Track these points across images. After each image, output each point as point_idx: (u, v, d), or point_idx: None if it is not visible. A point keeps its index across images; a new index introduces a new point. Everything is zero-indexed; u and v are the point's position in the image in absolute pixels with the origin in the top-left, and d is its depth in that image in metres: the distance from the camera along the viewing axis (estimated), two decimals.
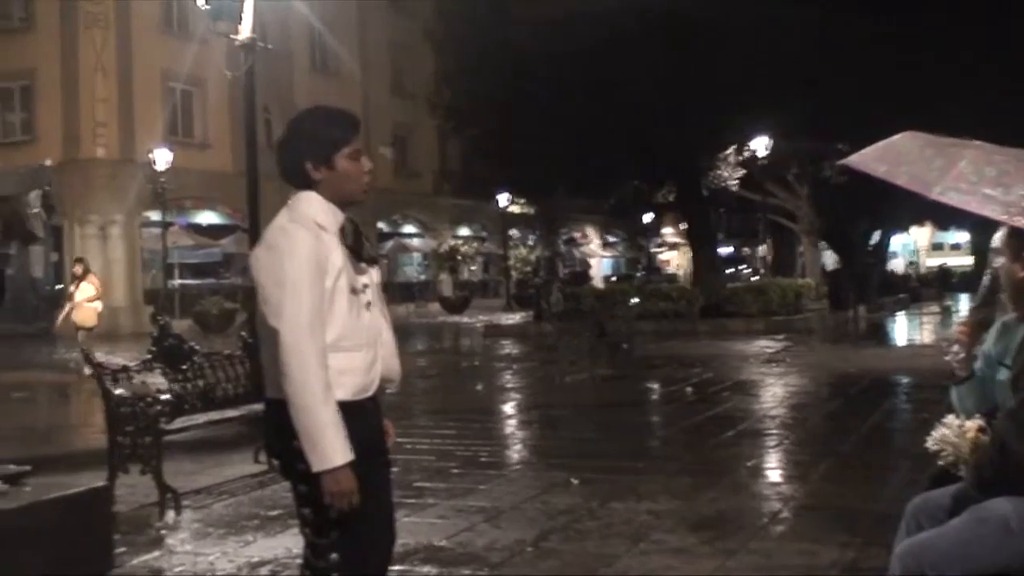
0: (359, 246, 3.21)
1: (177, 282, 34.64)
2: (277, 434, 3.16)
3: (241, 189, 11.39)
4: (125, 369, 7.23)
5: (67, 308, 18.65)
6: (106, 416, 7.10)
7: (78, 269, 19.05)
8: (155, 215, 32.80)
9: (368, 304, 3.23)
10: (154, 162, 30.53)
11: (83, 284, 18.35)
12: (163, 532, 6.48)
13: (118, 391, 7.00)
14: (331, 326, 3.09)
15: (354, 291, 3.17)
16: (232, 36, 11.43)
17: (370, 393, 3.24)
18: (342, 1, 40.43)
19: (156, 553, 5.99)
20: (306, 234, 3.08)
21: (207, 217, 37.61)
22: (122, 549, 5.91)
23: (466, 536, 6.14)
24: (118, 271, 34.40)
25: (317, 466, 3.00)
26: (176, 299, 32.20)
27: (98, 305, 18.59)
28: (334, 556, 3.18)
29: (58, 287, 34.78)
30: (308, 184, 3.20)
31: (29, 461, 6.12)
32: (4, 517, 4.99)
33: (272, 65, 14.46)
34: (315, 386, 3.00)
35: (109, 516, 5.77)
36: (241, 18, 11.34)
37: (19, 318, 32.41)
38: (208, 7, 11.52)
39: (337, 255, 3.12)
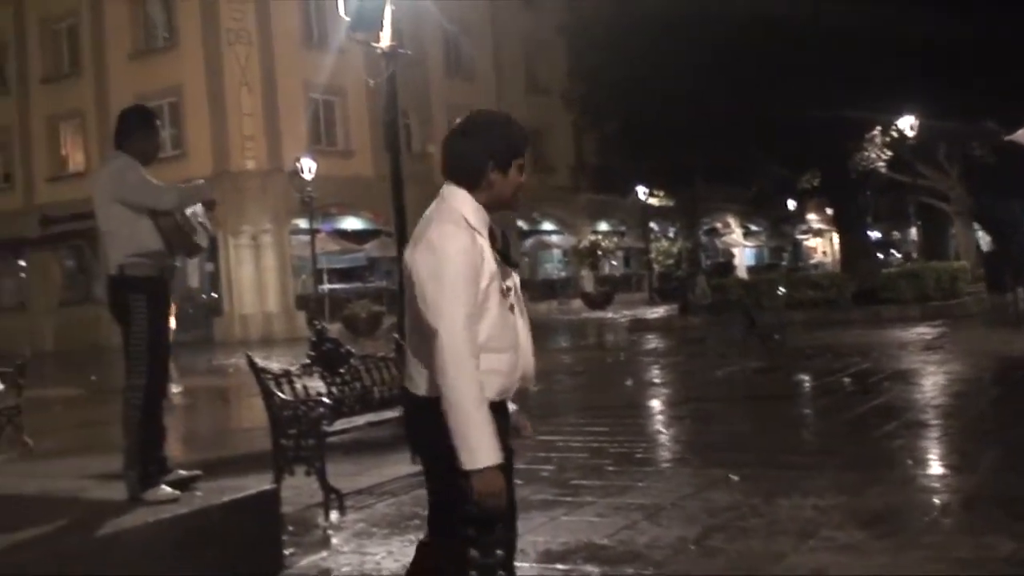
0: (507, 249, 3.29)
1: (326, 287, 35.39)
2: (435, 431, 3.17)
3: (382, 194, 11.55)
4: (286, 374, 7.40)
5: None
6: (270, 420, 7.28)
7: None
8: (303, 222, 33.59)
9: (512, 307, 3.28)
10: (300, 171, 31.28)
11: None
12: (329, 533, 6.62)
13: (280, 395, 7.17)
14: (482, 327, 3.14)
15: (503, 293, 3.22)
16: (373, 44, 11.60)
17: (510, 395, 3.31)
18: (475, 2, 40.74)
19: (323, 553, 6.11)
20: (465, 235, 3.14)
21: (351, 222, 38.34)
22: (291, 550, 6.05)
23: (627, 534, 6.08)
24: (270, 278, 35.38)
25: (468, 465, 3.05)
26: (326, 303, 32.89)
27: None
28: (499, 552, 3.23)
29: (214, 295, 35.97)
30: (474, 183, 3.27)
31: (195, 465, 6.32)
32: (179, 521, 5.15)
33: (408, 70, 14.65)
34: (470, 386, 3.05)
35: (278, 518, 5.91)
36: (381, 26, 11.50)
37: (178, 326, 33.55)
38: (348, 17, 11.72)
39: (490, 257, 3.18)
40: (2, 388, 10.74)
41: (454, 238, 3.13)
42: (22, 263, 41.39)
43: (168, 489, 5.67)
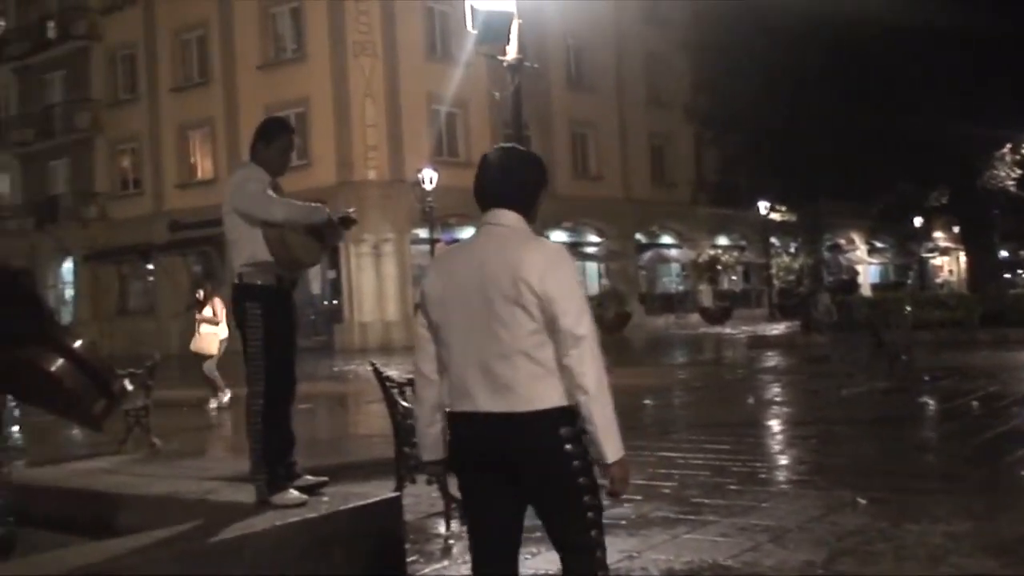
0: None
1: None
2: (556, 440, 3.32)
3: None
4: (410, 382, 7.44)
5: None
6: (393, 428, 7.34)
7: (200, 293, 17.19)
8: (423, 232, 33.93)
9: None
10: (422, 182, 31.61)
11: (205, 309, 16.62)
12: (451, 542, 6.64)
13: (404, 404, 7.22)
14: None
15: None
16: (499, 57, 11.67)
17: None
18: (597, 15, 40.69)
19: (445, 563, 6.13)
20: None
21: (470, 233, 38.58)
22: (413, 558, 6.08)
23: (752, 556, 5.97)
24: (390, 287, 35.82)
25: (613, 456, 3.31)
26: None
27: (218, 330, 16.47)
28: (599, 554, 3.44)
29: (334, 302, 36.56)
30: (527, 208, 3.66)
31: (318, 471, 6.38)
32: (306, 526, 5.21)
33: (531, 82, 14.71)
34: (607, 383, 3.31)
35: (401, 526, 5.94)
36: (508, 40, 11.56)
37: (300, 333, 34.18)
38: (475, 31, 11.81)
39: None
40: (132, 389, 11.03)
41: (565, 251, 3.48)
42: (151, 267, 42.59)
43: (296, 493, 5.74)
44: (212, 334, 16.43)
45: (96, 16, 43.29)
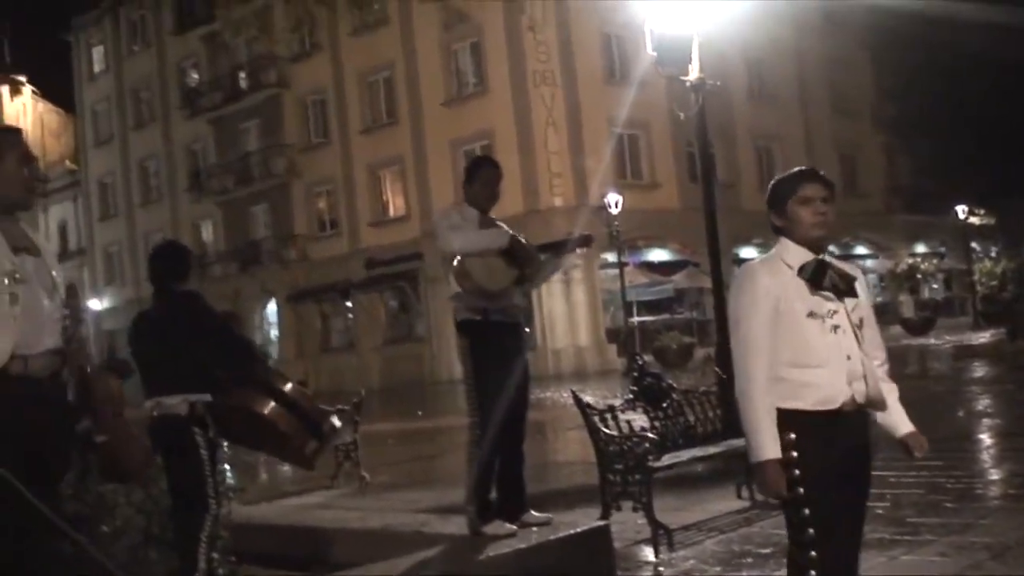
0: (818, 279, 3.67)
1: (636, 319, 35.59)
2: None
3: (689, 225, 11.51)
4: (610, 409, 7.48)
5: None
6: (596, 455, 7.37)
7: None
8: (611, 256, 33.94)
9: (835, 328, 3.65)
10: (607, 206, 31.65)
11: None
12: (660, 569, 6.61)
13: (606, 431, 7.25)
14: (788, 346, 3.63)
15: (812, 315, 3.64)
16: (681, 78, 11.62)
17: (834, 406, 3.61)
18: (775, 23, 39.96)
19: None
20: (761, 270, 3.73)
21: (658, 254, 38.41)
22: None
23: (973, 575, 5.77)
24: (581, 312, 35.92)
25: (751, 458, 3.65)
26: (636, 336, 33.08)
27: None
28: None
29: (526, 330, 36.86)
30: (778, 230, 3.81)
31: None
32: (518, 557, 5.29)
33: (712, 98, 14.57)
34: (751, 393, 3.60)
35: (612, 554, 5.96)
36: (689, 59, 11.51)
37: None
38: (655, 53, 11.80)
39: (790, 286, 3.66)
40: (340, 425, 11.39)
41: (747, 274, 3.79)
42: (349, 304, 43.92)
43: (507, 524, 5.85)
44: None
45: (285, 64, 45.01)
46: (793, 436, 3.58)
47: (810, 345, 3.62)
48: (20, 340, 4.02)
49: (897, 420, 3.85)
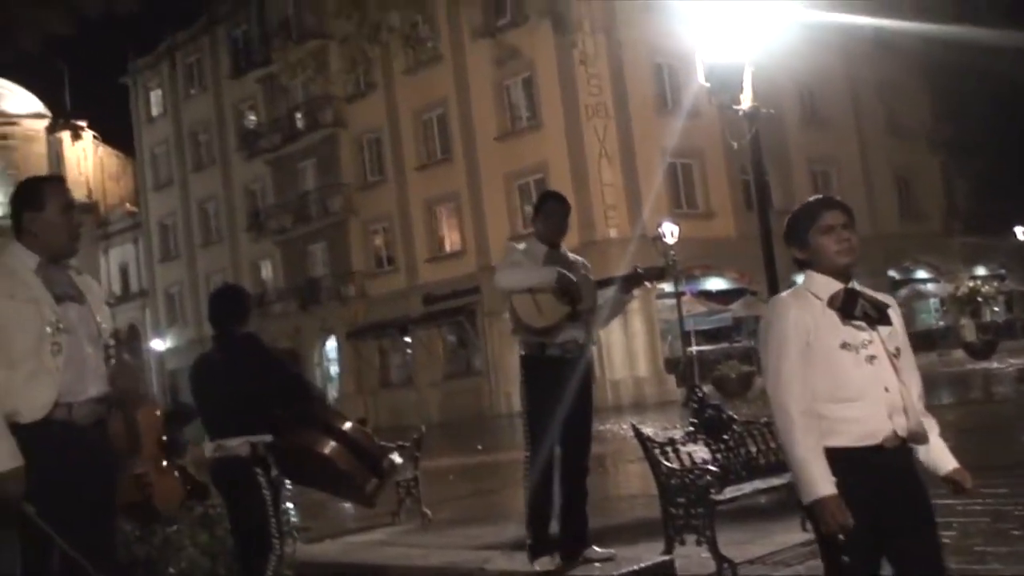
0: (849, 309, 3.59)
1: (694, 349, 35.35)
2: None
3: (746, 253, 11.44)
4: (671, 442, 7.44)
5: None
6: (658, 488, 7.32)
7: None
8: (667, 286, 33.77)
9: (871, 359, 3.57)
10: (663, 236, 31.54)
11: None
12: None
13: (667, 464, 7.21)
14: (823, 381, 3.54)
15: (846, 347, 3.56)
16: (734, 107, 11.60)
17: (876, 441, 3.53)
18: (827, 51, 39.76)
19: None
20: (790, 303, 3.66)
21: (715, 283, 38.22)
22: None
23: None
24: (639, 343, 35.78)
25: (803, 498, 3.52)
26: (695, 366, 32.86)
27: None
28: None
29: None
30: (802, 263, 3.75)
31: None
32: None
33: (765, 124, 14.53)
34: (792, 431, 3.51)
35: None
36: (741, 88, 11.49)
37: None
38: (708, 83, 11.80)
39: (821, 318, 3.58)
40: (401, 462, 11.42)
41: (776, 307, 3.78)
42: (407, 340, 44.12)
43: (556, 559, 5.86)
44: None
45: (341, 104, 45.52)
46: (835, 475, 3.48)
47: (845, 378, 3.55)
48: (64, 388, 4.11)
49: (940, 457, 3.73)
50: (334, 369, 47.91)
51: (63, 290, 4.28)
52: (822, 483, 3.46)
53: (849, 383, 3.55)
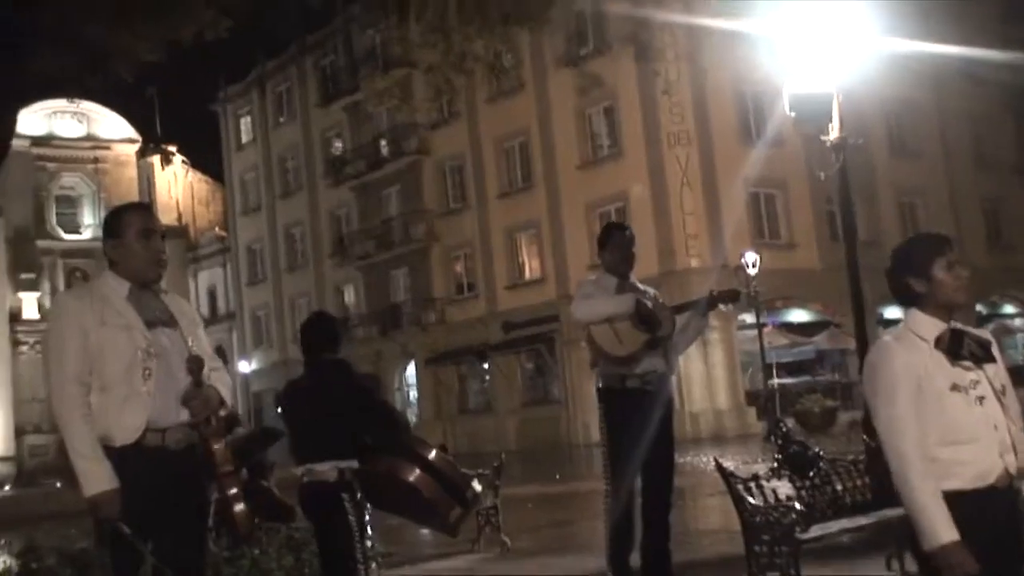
0: (956, 349, 3.56)
1: (775, 382, 34.99)
2: None
3: (830, 284, 11.29)
4: (755, 478, 7.35)
5: None
6: (742, 525, 7.24)
7: None
8: (749, 317, 33.47)
9: (980, 399, 3.55)
10: (745, 266, 31.29)
11: None
12: None
13: (751, 500, 7.13)
14: (935, 424, 3.50)
15: (956, 389, 3.53)
16: (822, 138, 11.51)
17: (989, 482, 3.51)
18: (915, 80, 39.20)
19: None
20: (896, 347, 3.59)
21: (797, 315, 37.76)
22: None
23: None
24: (719, 375, 35.45)
25: (925, 545, 3.45)
26: (776, 399, 32.48)
27: None
28: None
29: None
30: (910, 300, 3.69)
31: None
32: None
33: (852, 154, 14.30)
34: (910, 477, 3.46)
35: None
36: (829, 118, 11.40)
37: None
38: (794, 113, 11.73)
39: (929, 361, 3.55)
40: (480, 489, 11.44)
41: (883, 351, 3.67)
42: (486, 366, 44.24)
43: None
44: None
45: (425, 132, 46.02)
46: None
47: (959, 421, 3.52)
48: (155, 413, 4.19)
49: None
50: (413, 394, 48.21)
51: (154, 315, 4.36)
52: (945, 529, 3.42)
53: (962, 425, 3.52)
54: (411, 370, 48.36)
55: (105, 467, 4.11)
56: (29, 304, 59.36)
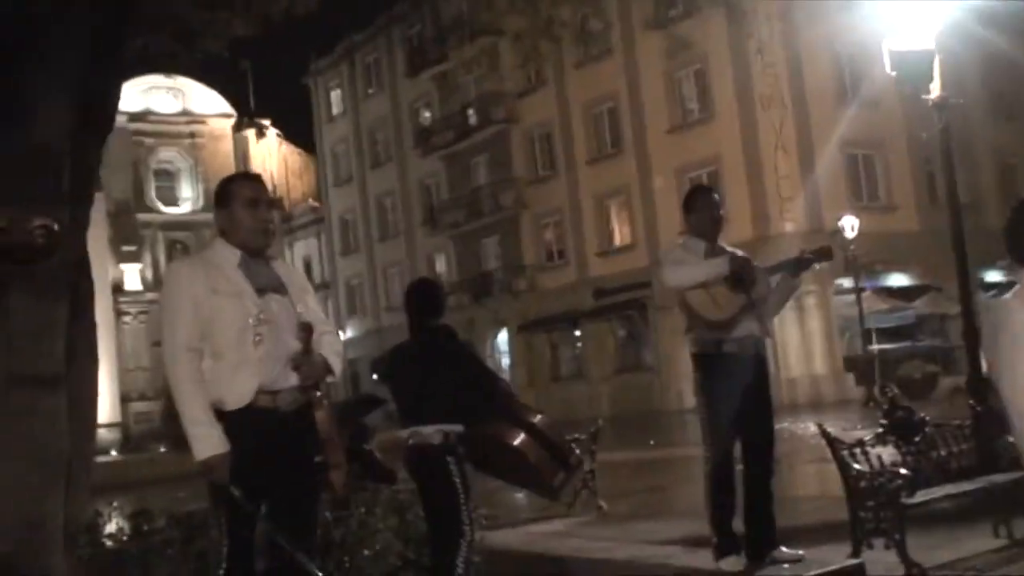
0: None
1: (875, 347, 34.42)
2: None
3: (930, 248, 11.07)
4: (860, 443, 7.28)
5: None
6: (846, 491, 7.17)
7: None
8: (846, 282, 32.97)
9: None
10: (842, 230, 30.78)
11: None
12: None
13: (856, 466, 7.06)
14: None
15: None
16: (923, 96, 11.24)
17: None
18: (1017, 39, 38.03)
19: None
20: (1015, 306, 3.39)
21: (897, 279, 37.02)
22: None
23: None
24: (816, 340, 34.98)
25: None
26: (875, 365, 31.96)
27: None
28: None
29: None
30: None
31: None
32: None
33: (952, 115, 13.97)
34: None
35: None
36: (931, 77, 11.12)
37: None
38: (895, 72, 11.46)
39: None
40: (578, 453, 11.51)
41: (999, 309, 3.49)
42: (578, 333, 44.25)
43: (742, 559, 5.82)
44: None
45: (512, 100, 45.98)
46: None
47: None
48: (267, 377, 4.30)
49: None
50: (506, 361, 48.40)
51: (265, 282, 4.46)
52: None
53: None
54: (503, 337, 48.56)
55: (216, 431, 4.23)
56: (131, 275, 61.02)
